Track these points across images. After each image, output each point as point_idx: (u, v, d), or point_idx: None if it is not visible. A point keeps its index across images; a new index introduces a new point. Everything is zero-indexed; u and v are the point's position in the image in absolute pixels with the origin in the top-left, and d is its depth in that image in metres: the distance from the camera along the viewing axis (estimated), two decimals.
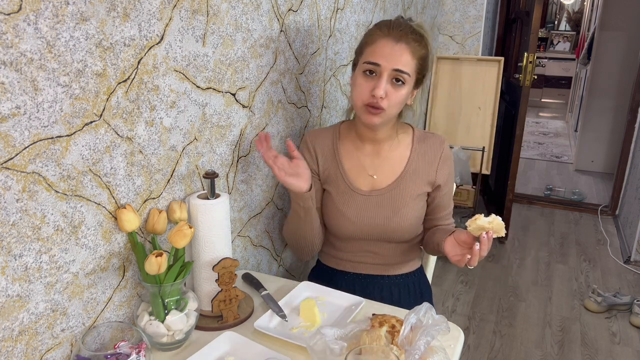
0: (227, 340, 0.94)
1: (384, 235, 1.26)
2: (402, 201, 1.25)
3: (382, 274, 1.33)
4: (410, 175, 1.26)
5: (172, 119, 1.00)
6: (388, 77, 1.13)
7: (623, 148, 3.63)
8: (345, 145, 1.30)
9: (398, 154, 1.28)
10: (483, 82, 3.08)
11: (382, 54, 1.13)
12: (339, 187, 1.28)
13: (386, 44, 1.13)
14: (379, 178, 1.27)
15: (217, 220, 1.02)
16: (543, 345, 2.29)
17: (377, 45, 1.14)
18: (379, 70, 1.13)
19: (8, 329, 0.75)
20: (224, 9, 1.09)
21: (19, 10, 0.68)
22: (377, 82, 1.13)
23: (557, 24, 8.08)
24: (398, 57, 1.12)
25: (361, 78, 1.16)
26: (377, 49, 1.14)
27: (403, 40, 1.13)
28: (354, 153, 1.29)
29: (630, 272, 2.93)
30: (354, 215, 1.26)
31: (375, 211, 1.25)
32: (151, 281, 0.91)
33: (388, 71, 1.13)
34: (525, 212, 3.83)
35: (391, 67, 1.12)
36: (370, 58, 1.14)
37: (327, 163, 1.30)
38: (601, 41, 4.42)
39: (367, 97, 1.15)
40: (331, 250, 1.36)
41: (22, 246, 0.75)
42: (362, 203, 1.26)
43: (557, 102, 7.50)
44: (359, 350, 0.80)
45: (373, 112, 1.15)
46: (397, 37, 1.13)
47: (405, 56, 1.13)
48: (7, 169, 0.71)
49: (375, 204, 1.25)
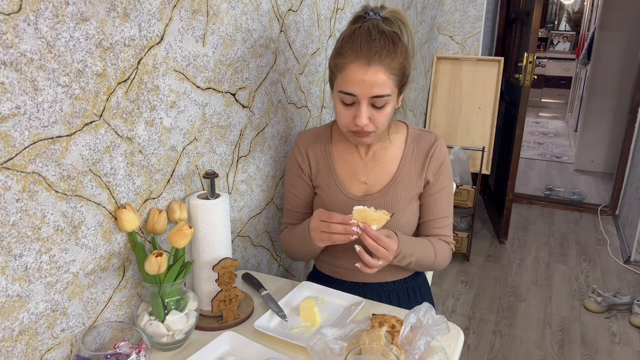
0: (227, 340, 0.94)
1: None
2: (395, 206, 1.21)
3: (380, 281, 1.29)
4: (403, 178, 1.22)
5: (172, 119, 1.00)
6: (367, 103, 1.07)
7: (623, 148, 3.63)
8: (338, 148, 1.27)
9: (390, 156, 1.24)
10: (483, 82, 3.08)
11: (355, 82, 1.04)
12: (331, 192, 1.24)
13: (357, 70, 1.04)
14: (371, 183, 1.24)
15: (217, 220, 1.02)
16: (543, 345, 2.29)
17: (348, 73, 1.05)
18: (356, 100, 1.07)
19: (8, 329, 0.75)
20: (224, 9, 1.09)
21: (19, 10, 0.68)
22: (358, 112, 1.07)
23: (557, 24, 8.09)
24: (372, 83, 1.04)
25: (340, 105, 1.10)
26: (349, 76, 1.05)
27: (375, 61, 1.03)
28: (347, 157, 1.26)
29: (630, 272, 2.93)
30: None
31: None
32: (151, 281, 0.91)
33: (366, 99, 1.06)
34: (525, 212, 3.83)
35: (368, 95, 1.05)
36: (344, 88, 1.06)
37: (320, 166, 1.26)
38: (601, 41, 4.42)
39: (351, 125, 1.10)
40: (327, 257, 1.33)
41: (22, 246, 0.75)
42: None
43: (557, 102, 7.50)
44: (359, 350, 0.80)
45: (361, 135, 1.12)
46: (366, 58, 1.03)
47: (380, 78, 1.04)
48: (7, 169, 0.71)
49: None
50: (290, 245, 1.27)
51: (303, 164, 1.27)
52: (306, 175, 1.28)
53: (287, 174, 1.32)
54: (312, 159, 1.27)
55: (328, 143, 1.27)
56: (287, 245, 1.29)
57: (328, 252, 1.31)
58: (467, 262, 3.01)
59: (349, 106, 1.09)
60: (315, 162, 1.27)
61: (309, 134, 1.29)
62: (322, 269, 1.36)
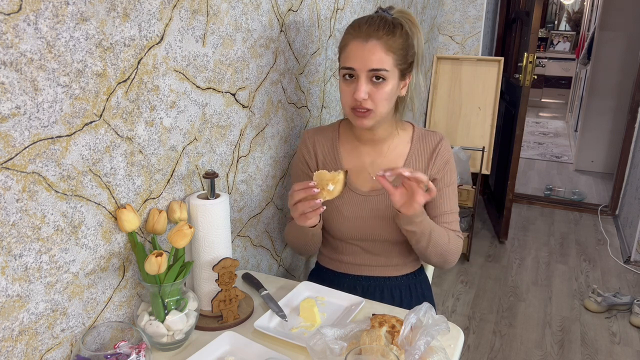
0: (227, 340, 0.94)
1: (384, 235, 1.25)
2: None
3: (383, 276, 1.32)
4: None
5: (172, 119, 1.00)
6: (366, 78, 1.11)
7: (623, 148, 3.63)
8: (345, 144, 1.30)
9: (397, 153, 1.27)
10: (483, 82, 3.08)
11: (354, 56, 1.11)
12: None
13: (357, 45, 1.11)
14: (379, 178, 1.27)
15: (217, 220, 1.02)
16: (543, 345, 2.29)
17: (349, 49, 1.12)
18: (355, 74, 1.12)
19: (8, 329, 0.75)
20: (224, 9, 1.09)
21: (19, 10, 0.68)
22: (357, 85, 1.12)
23: (557, 24, 8.09)
24: (369, 57, 1.10)
25: (343, 84, 1.15)
26: (349, 52, 1.12)
27: (373, 37, 1.10)
28: (354, 153, 1.29)
29: (630, 272, 2.93)
30: (353, 216, 1.25)
31: (374, 211, 1.25)
32: (151, 281, 0.91)
33: (364, 72, 1.11)
34: (525, 212, 3.83)
35: (365, 68, 1.10)
36: (345, 63, 1.13)
37: (327, 162, 1.29)
38: (601, 41, 4.42)
39: (352, 101, 1.14)
40: (331, 252, 1.35)
41: (22, 246, 0.75)
42: (361, 203, 1.25)
43: (557, 102, 7.50)
44: (359, 350, 0.80)
45: (360, 114, 1.14)
46: (366, 35, 1.10)
47: (377, 54, 1.10)
48: (7, 169, 0.71)
49: (374, 204, 1.25)
50: (292, 237, 1.31)
51: (310, 160, 1.30)
52: (312, 171, 1.30)
53: (293, 169, 1.35)
54: (320, 154, 1.30)
55: (336, 140, 1.30)
56: (290, 239, 1.32)
57: (332, 247, 1.34)
58: (467, 262, 3.02)
59: (350, 83, 1.14)
60: (322, 157, 1.30)
61: (316, 131, 1.33)
62: (325, 264, 1.38)
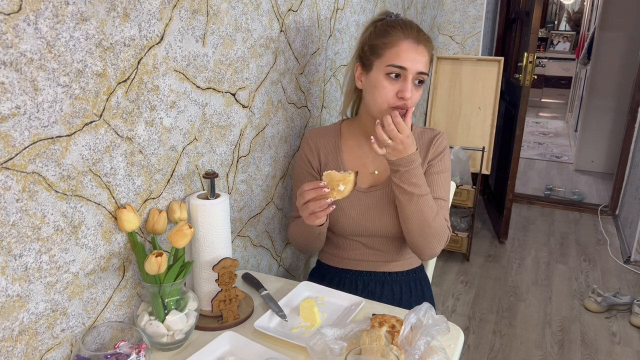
0: (227, 340, 0.94)
1: (384, 230, 1.27)
2: None
3: (384, 271, 1.34)
4: None
5: (172, 119, 1.00)
6: (413, 78, 1.15)
7: (623, 148, 3.63)
8: (347, 143, 1.32)
9: None
10: (483, 82, 3.08)
11: (407, 57, 1.14)
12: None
13: (409, 46, 1.14)
14: (380, 174, 1.29)
15: (217, 220, 1.02)
16: (543, 345, 2.29)
17: (400, 48, 1.14)
18: (405, 74, 1.14)
19: (8, 329, 0.75)
20: (224, 9, 1.09)
21: (19, 10, 0.68)
22: (404, 85, 1.14)
23: (557, 24, 8.09)
24: (421, 60, 1.15)
25: (385, 81, 1.16)
26: (401, 52, 1.14)
27: (422, 42, 1.16)
28: (356, 150, 1.31)
29: (630, 272, 2.93)
30: (354, 212, 1.26)
31: (375, 207, 1.26)
32: (151, 281, 0.91)
33: (413, 74, 1.14)
34: (525, 212, 3.83)
35: (416, 70, 1.14)
36: (396, 61, 1.14)
37: (329, 160, 1.31)
38: (601, 41, 4.42)
39: (394, 100, 1.16)
40: (333, 249, 1.37)
41: (22, 246, 0.75)
42: (361, 199, 1.27)
43: (557, 102, 7.50)
44: (359, 350, 0.80)
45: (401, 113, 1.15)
46: (416, 39, 1.15)
47: (425, 58, 1.16)
48: (7, 169, 0.71)
49: (374, 200, 1.26)
50: (297, 236, 1.31)
51: (312, 159, 1.32)
52: (315, 170, 1.32)
53: (295, 169, 1.36)
54: (322, 153, 1.32)
55: (337, 139, 1.33)
56: (294, 237, 1.33)
57: (333, 243, 1.35)
58: (467, 262, 3.01)
59: (394, 82, 1.16)
60: (324, 156, 1.32)
61: (318, 130, 1.35)
62: (326, 261, 1.39)
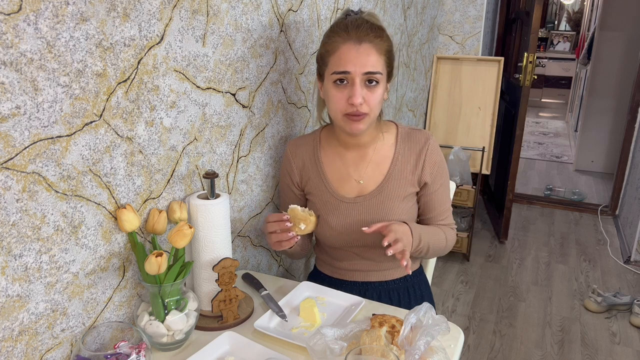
0: (227, 340, 0.95)
1: (374, 240, 1.19)
2: (389, 205, 1.21)
3: (380, 280, 1.30)
4: (396, 177, 1.22)
5: (172, 119, 1.00)
6: (360, 81, 1.09)
7: (623, 148, 3.63)
8: (327, 153, 1.26)
9: (382, 155, 1.23)
10: (483, 82, 3.08)
11: (348, 60, 1.08)
12: (323, 197, 1.25)
13: (350, 48, 1.08)
14: (365, 183, 1.23)
15: (217, 220, 1.02)
16: (543, 345, 2.29)
17: (341, 52, 1.09)
18: (350, 78, 1.09)
19: (8, 329, 0.75)
20: (224, 9, 1.09)
21: (19, 10, 0.68)
22: (352, 90, 1.09)
23: (557, 24, 8.08)
24: (365, 60, 1.08)
25: (334, 89, 1.11)
26: (342, 56, 1.09)
27: (365, 40, 1.08)
28: (337, 160, 1.25)
29: (630, 272, 2.93)
30: (340, 225, 1.22)
31: (362, 217, 1.22)
32: (151, 281, 0.91)
33: (359, 76, 1.08)
34: (525, 212, 3.83)
35: (361, 71, 1.08)
36: (337, 67, 1.09)
37: (309, 173, 1.27)
38: (601, 41, 4.42)
39: (345, 107, 1.11)
40: (326, 258, 1.34)
41: (22, 246, 0.75)
42: (347, 210, 1.22)
43: (557, 102, 7.50)
44: (359, 350, 0.80)
45: (355, 119, 1.11)
46: (358, 38, 1.08)
47: (372, 56, 1.08)
48: (7, 169, 0.71)
49: (361, 210, 1.22)
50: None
51: (292, 174, 1.29)
52: (295, 185, 1.29)
53: (280, 182, 1.35)
54: (302, 167, 1.28)
55: (317, 150, 1.27)
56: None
57: (327, 253, 1.33)
58: (467, 262, 3.01)
59: (342, 88, 1.11)
60: (305, 170, 1.28)
61: (297, 141, 1.30)
62: (322, 269, 1.37)
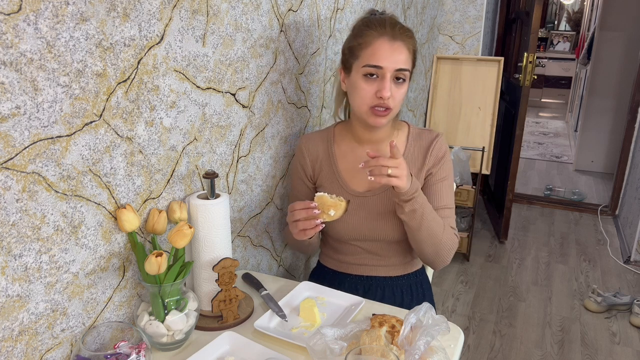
0: (227, 340, 0.94)
1: (383, 235, 1.25)
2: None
3: (385, 275, 1.32)
4: None
5: (172, 119, 1.00)
6: (391, 76, 1.12)
7: (623, 148, 3.63)
8: (341, 148, 1.30)
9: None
10: (483, 82, 3.08)
11: (382, 55, 1.11)
12: (333, 190, 1.27)
13: (383, 44, 1.12)
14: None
15: (217, 220, 1.02)
16: (543, 345, 2.29)
17: (375, 47, 1.12)
18: (381, 73, 1.12)
19: (8, 329, 0.75)
20: (224, 9, 1.09)
21: (19, 10, 0.68)
22: (382, 84, 1.12)
23: (557, 24, 8.08)
24: (398, 57, 1.12)
25: (362, 82, 1.14)
26: (376, 51, 1.12)
27: (398, 38, 1.13)
28: (350, 155, 1.28)
29: (630, 272, 2.93)
30: (351, 218, 1.24)
31: (372, 211, 1.24)
32: (151, 281, 0.91)
33: (390, 72, 1.12)
34: (525, 212, 3.83)
35: (393, 67, 1.12)
36: (371, 61, 1.12)
37: (322, 166, 1.29)
38: (601, 41, 4.42)
39: (373, 100, 1.14)
40: (331, 252, 1.36)
41: (22, 246, 0.75)
42: (358, 204, 1.25)
43: (557, 102, 7.50)
44: (359, 350, 0.80)
45: (380, 113, 1.14)
46: (392, 35, 1.12)
47: (404, 54, 1.13)
48: (7, 169, 0.71)
49: (371, 205, 1.24)
50: (289, 240, 1.33)
51: (306, 167, 1.31)
52: (308, 178, 1.32)
53: (291, 175, 1.37)
54: (315, 161, 1.30)
55: (331, 144, 1.30)
56: (287, 241, 1.35)
57: (333, 247, 1.35)
58: (467, 262, 3.01)
59: (372, 81, 1.14)
60: (318, 163, 1.30)
61: (311, 137, 1.33)
62: (327, 263, 1.39)
